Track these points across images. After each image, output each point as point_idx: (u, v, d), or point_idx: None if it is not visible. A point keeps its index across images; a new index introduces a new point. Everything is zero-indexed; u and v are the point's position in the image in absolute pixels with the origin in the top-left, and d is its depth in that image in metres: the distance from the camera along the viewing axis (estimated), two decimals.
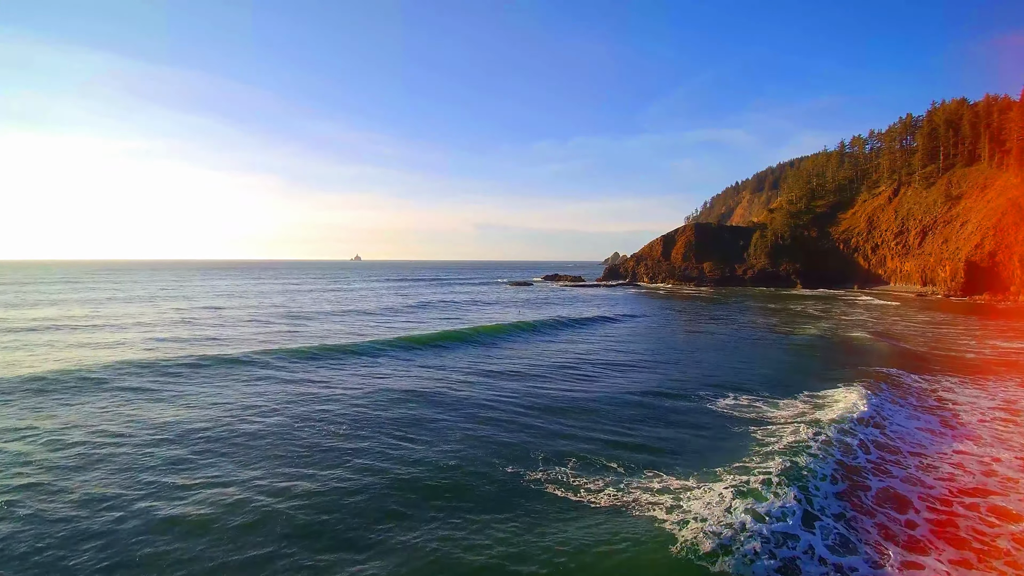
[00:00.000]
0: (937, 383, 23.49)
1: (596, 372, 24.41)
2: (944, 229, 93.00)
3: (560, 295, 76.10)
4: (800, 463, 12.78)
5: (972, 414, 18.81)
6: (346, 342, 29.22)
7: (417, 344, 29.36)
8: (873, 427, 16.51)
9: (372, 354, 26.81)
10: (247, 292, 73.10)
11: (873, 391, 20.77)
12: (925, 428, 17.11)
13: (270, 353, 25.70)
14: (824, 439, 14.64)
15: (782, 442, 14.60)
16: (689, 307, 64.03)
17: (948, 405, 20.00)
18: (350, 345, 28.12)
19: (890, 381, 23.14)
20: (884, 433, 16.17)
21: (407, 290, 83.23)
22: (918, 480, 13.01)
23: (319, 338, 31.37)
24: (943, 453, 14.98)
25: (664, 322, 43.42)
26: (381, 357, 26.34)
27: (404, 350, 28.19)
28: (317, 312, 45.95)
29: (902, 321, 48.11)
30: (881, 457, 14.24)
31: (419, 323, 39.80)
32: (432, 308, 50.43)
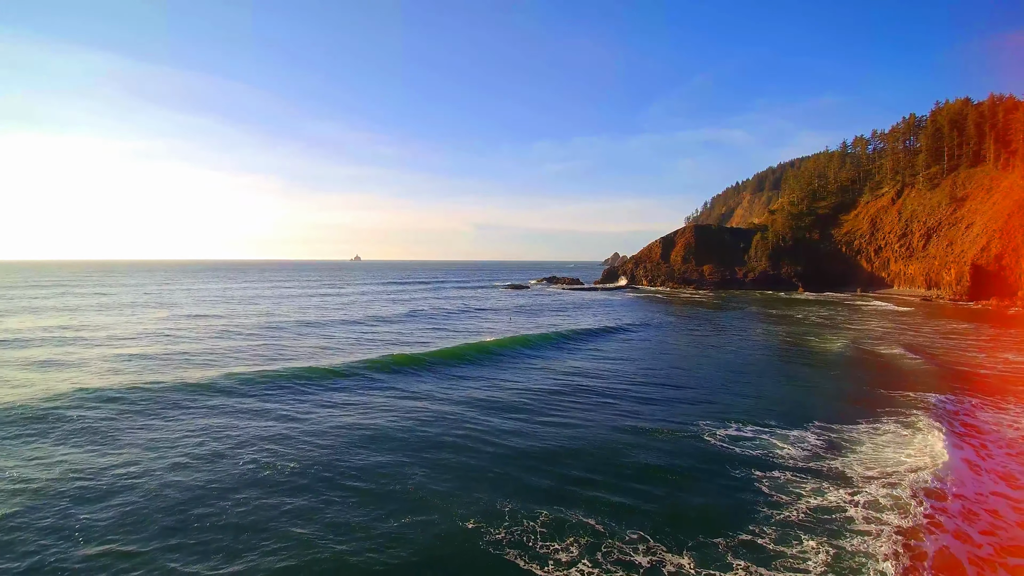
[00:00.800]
0: (959, 403, 21.64)
1: (584, 403, 21.95)
2: (949, 231, 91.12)
3: (556, 300, 74.22)
4: (846, 548, 10.33)
5: (999, 445, 16.97)
6: (320, 364, 27.00)
7: (396, 365, 27.13)
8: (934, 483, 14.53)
9: (345, 379, 24.72)
10: (235, 298, 71.15)
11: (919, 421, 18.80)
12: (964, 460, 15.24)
13: (233, 377, 23.69)
14: (866, 499, 12.52)
15: (802, 505, 12.56)
16: (688, 314, 62.17)
17: (974, 433, 18.13)
18: (322, 369, 25.83)
19: (914, 407, 21.20)
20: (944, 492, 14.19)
21: (399, 295, 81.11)
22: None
23: (291, 359, 28.83)
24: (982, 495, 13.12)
25: (662, 334, 41.07)
26: (354, 382, 24.23)
27: (382, 372, 26.01)
28: (300, 322, 43.75)
29: (910, 330, 46.23)
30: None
31: (404, 336, 37.50)
32: (421, 318, 48.20)
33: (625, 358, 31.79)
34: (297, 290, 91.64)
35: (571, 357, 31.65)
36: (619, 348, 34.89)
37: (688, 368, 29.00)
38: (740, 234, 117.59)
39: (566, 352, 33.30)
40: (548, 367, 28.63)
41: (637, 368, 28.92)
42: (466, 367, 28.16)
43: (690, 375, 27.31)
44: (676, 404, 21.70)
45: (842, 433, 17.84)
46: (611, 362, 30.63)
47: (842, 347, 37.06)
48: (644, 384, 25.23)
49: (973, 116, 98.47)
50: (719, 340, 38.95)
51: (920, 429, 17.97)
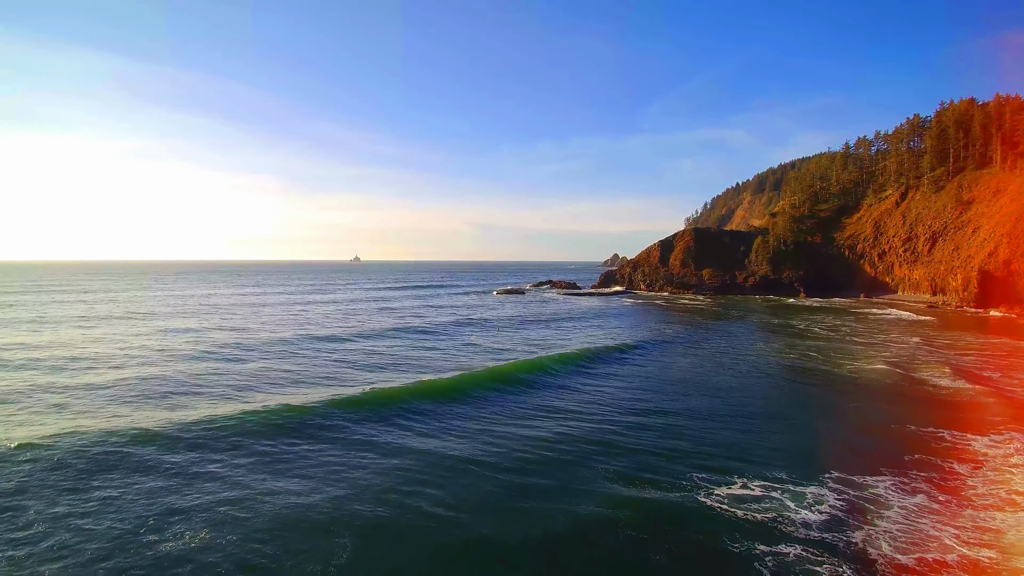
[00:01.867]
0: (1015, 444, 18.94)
1: (558, 453, 18.55)
2: (955, 235, 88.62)
3: (549, 308, 71.45)
4: None
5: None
6: (275, 403, 22.83)
7: (358, 407, 23.04)
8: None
9: (292, 428, 20.42)
10: (215, 306, 68.19)
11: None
12: None
13: (172, 425, 19.86)
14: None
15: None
16: (687, 324, 59.69)
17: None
18: (275, 412, 21.60)
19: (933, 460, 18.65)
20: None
21: (391, 303, 77.96)
22: None
23: (244, 394, 25.02)
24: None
25: (656, 354, 37.19)
26: (304, 432, 20.04)
27: (341, 414, 22.05)
28: (271, 340, 39.86)
29: (925, 344, 43.73)
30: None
31: (379, 360, 34.01)
32: (405, 334, 44.42)
33: (613, 389, 28.38)
34: (285, 297, 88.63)
35: (550, 393, 27.50)
36: (607, 376, 31.12)
37: (684, 399, 25.99)
38: (740, 237, 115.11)
39: (545, 388, 28.46)
40: (522, 406, 24.94)
41: (625, 401, 25.80)
42: (441, 403, 24.50)
43: (686, 408, 24.28)
44: (669, 449, 18.89)
45: (865, 490, 15.27)
46: (595, 394, 27.25)
47: (856, 367, 34.56)
48: (632, 424, 22.04)
49: (979, 117, 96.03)
50: (719, 360, 36.22)
51: (959, 490, 15.43)
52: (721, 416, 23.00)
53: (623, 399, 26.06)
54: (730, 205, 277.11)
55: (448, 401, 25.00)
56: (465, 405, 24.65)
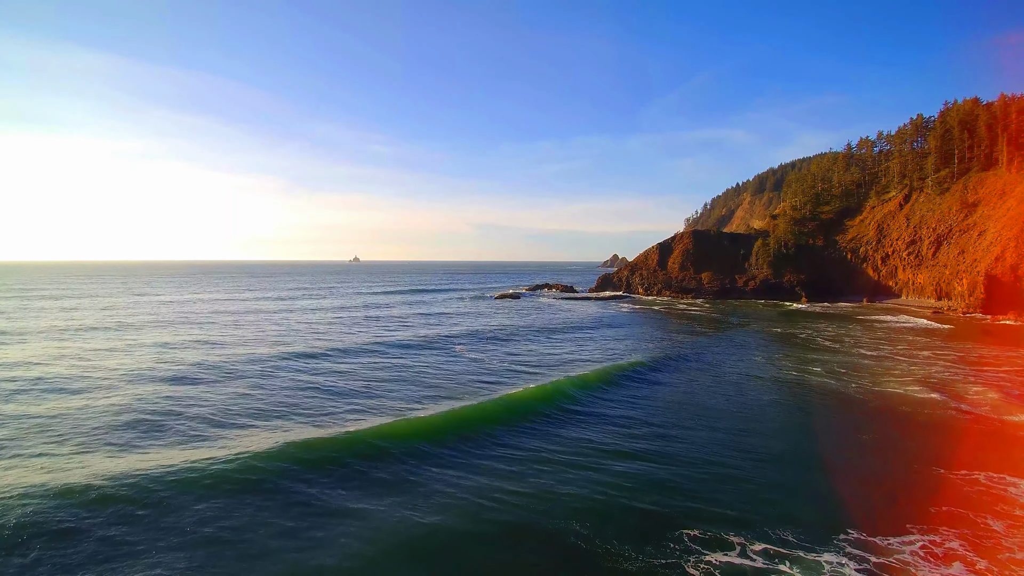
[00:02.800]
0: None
1: (515, 516, 15.54)
2: (960, 239, 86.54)
3: (544, 316, 68.94)
4: None
5: None
6: (205, 455, 19.12)
7: (319, 462, 18.98)
8: None
9: (237, 489, 16.93)
10: (197, 314, 65.52)
11: None
12: None
13: (102, 478, 17.02)
14: None
15: None
16: (684, 333, 57.61)
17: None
18: (199, 468, 17.82)
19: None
20: None
21: (379, 309, 75.18)
22: None
23: (195, 438, 21.52)
24: None
25: (650, 374, 33.77)
26: (236, 496, 16.50)
27: (300, 473, 18.19)
28: (241, 360, 36.37)
29: (938, 359, 41.62)
30: None
31: (353, 385, 30.37)
32: (387, 350, 41.46)
33: (594, 424, 24.67)
34: (272, 303, 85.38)
35: (519, 435, 22.91)
36: (589, 416, 26.17)
37: (678, 432, 23.34)
38: (740, 240, 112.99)
39: (516, 434, 23.09)
40: (488, 453, 20.84)
41: (607, 437, 22.70)
42: (395, 462, 19.70)
43: (680, 444, 21.73)
44: (656, 499, 16.50)
45: (890, 556, 13.06)
46: (572, 431, 23.58)
47: (866, 386, 32.42)
48: (612, 468, 19.18)
49: (984, 117, 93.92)
50: (718, 381, 33.84)
51: (996, 551, 13.31)
52: (719, 453, 20.66)
53: (605, 440, 22.54)
54: (730, 205, 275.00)
55: (426, 442, 21.72)
56: (390, 463, 19.57)
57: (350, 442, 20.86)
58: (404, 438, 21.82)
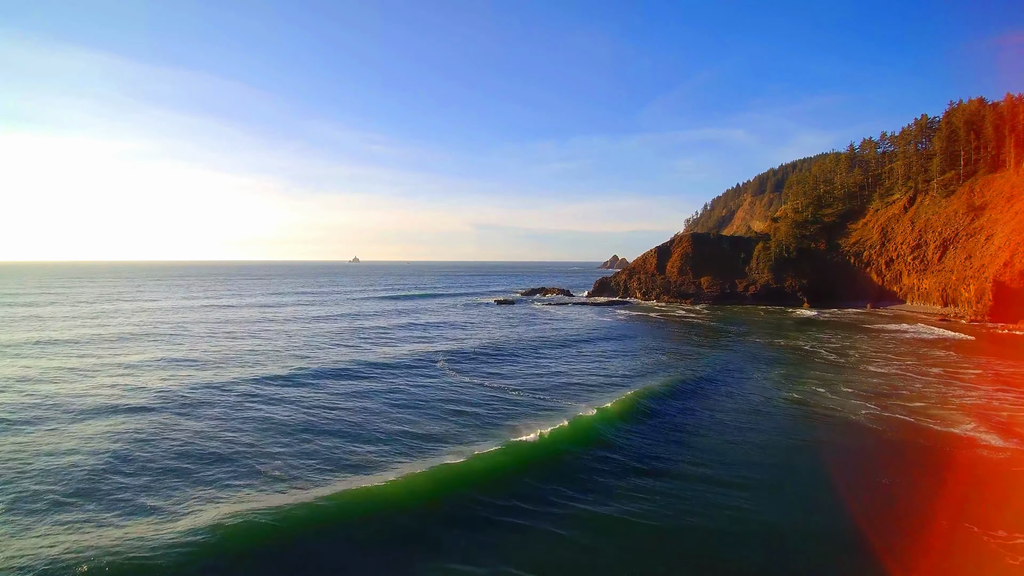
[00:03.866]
0: None
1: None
2: (967, 243, 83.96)
3: (536, 327, 65.02)
4: None
5: None
6: (130, 533, 15.65)
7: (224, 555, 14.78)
8: None
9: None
10: (173, 325, 62.05)
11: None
12: None
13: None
14: None
15: None
16: (682, 346, 55.22)
17: None
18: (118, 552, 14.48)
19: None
20: None
21: (364, 319, 71.07)
22: None
23: (108, 507, 17.81)
24: None
25: (640, 404, 31.09)
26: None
27: (210, 563, 14.44)
28: (199, 386, 32.83)
29: (952, 376, 39.16)
30: None
31: (311, 420, 26.96)
32: (367, 373, 37.81)
33: (576, 508, 18.26)
34: (255, 311, 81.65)
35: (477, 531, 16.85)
36: (566, 478, 20.59)
37: (665, 486, 19.81)
38: (740, 243, 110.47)
39: (468, 522, 17.42)
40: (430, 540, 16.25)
41: (588, 506, 18.20)
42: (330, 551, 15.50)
43: (666, 501, 18.38)
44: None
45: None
46: (558, 494, 18.91)
47: (876, 415, 29.97)
48: (586, 545, 15.52)
49: (991, 117, 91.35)
50: (716, 412, 31.18)
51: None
52: (712, 519, 17.39)
53: (583, 507, 18.23)
54: (730, 206, 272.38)
55: (415, 513, 17.40)
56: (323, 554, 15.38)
57: (305, 521, 16.47)
58: (385, 508, 17.34)
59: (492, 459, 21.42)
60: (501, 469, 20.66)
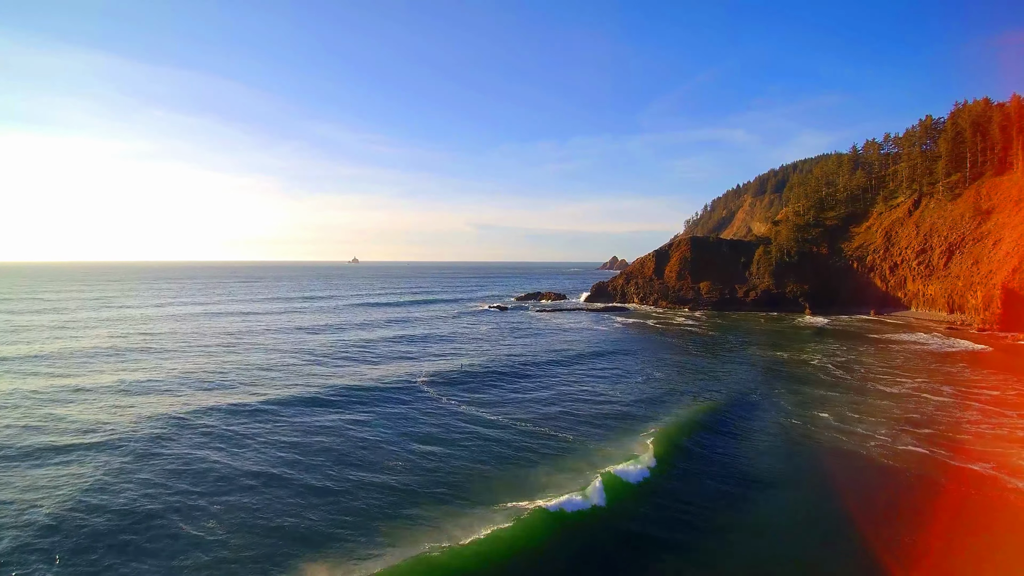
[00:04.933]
0: None
1: None
2: (974, 248, 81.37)
3: (525, 341, 60.60)
4: None
5: None
6: None
7: None
8: None
9: None
10: (142, 336, 58.91)
11: None
12: None
13: None
14: None
15: None
16: (679, 359, 52.67)
17: None
18: None
19: None
20: None
21: (347, 333, 64.86)
22: None
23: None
24: None
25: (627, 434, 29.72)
26: None
27: None
28: (141, 419, 28.94)
29: (968, 397, 36.60)
30: None
31: (260, 479, 22.31)
32: (339, 403, 33.63)
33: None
34: (237, 320, 77.21)
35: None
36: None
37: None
38: (741, 247, 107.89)
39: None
40: None
41: None
42: None
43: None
44: None
45: None
46: None
47: (888, 446, 27.42)
48: None
49: (998, 118, 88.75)
50: (718, 456, 29.00)
51: None
52: None
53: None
54: (731, 207, 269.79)
55: None
56: None
57: None
58: None
59: (496, 544, 15.31)
60: (507, 558, 14.61)
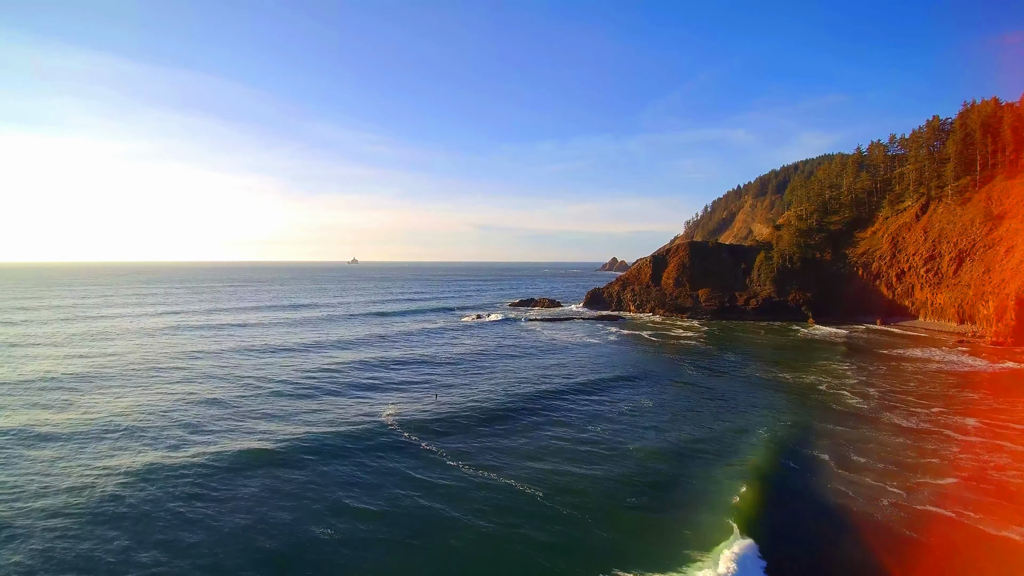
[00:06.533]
0: None
1: None
2: (985, 255, 77.61)
3: (515, 366, 53.93)
4: None
5: None
6: None
7: None
8: None
9: None
10: (75, 366, 52.37)
11: None
12: None
13: None
14: None
15: None
16: (677, 377, 49.14)
17: None
18: None
19: None
20: None
21: (323, 354, 57.49)
22: None
23: None
24: None
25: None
26: None
27: None
28: (45, 495, 23.65)
29: (1001, 434, 33.00)
30: None
31: None
32: (282, 457, 28.05)
33: None
34: (207, 337, 71.06)
35: None
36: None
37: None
38: (741, 253, 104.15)
39: None
40: None
41: None
42: None
43: None
44: None
45: None
46: None
47: (907, 506, 23.84)
48: None
49: (1009, 119, 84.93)
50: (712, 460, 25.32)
51: None
52: None
53: None
54: (731, 208, 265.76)
55: None
56: None
57: None
58: None
59: None
60: None
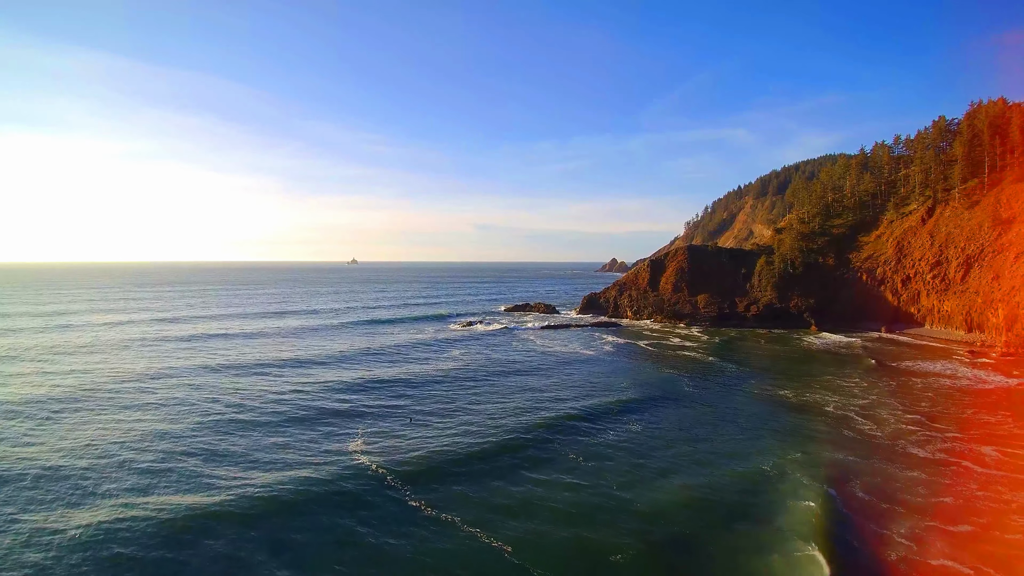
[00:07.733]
0: None
1: None
2: (994, 261, 74.90)
3: (503, 386, 50.32)
4: None
5: None
6: None
7: None
8: None
9: None
10: (26, 392, 49.04)
11: None
12: None
13: None
14: None
15: None
16: (673, 400, 46.59)
17: None
18: None
19: None
20: None
21: (300, 375, 52.10)
22: None
23: None
24: None
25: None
26: None
27: None
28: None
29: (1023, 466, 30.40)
30: None
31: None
32: (212, 513, 24.34)
33: None
34: (184, 351, 66.19)
35: None
36: None
37: None
38: (741, 257, 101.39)
39: None
40: None
41: None
42: None
43: None
44: None
45: None
46: None
47: (918, 564, 21.22)
48: None
49: (1018, 119, 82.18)
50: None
51: None
52: None
53: None
54: (731, 209, 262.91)
55: None
56: None
57: None
58: None
59: None
60: None
